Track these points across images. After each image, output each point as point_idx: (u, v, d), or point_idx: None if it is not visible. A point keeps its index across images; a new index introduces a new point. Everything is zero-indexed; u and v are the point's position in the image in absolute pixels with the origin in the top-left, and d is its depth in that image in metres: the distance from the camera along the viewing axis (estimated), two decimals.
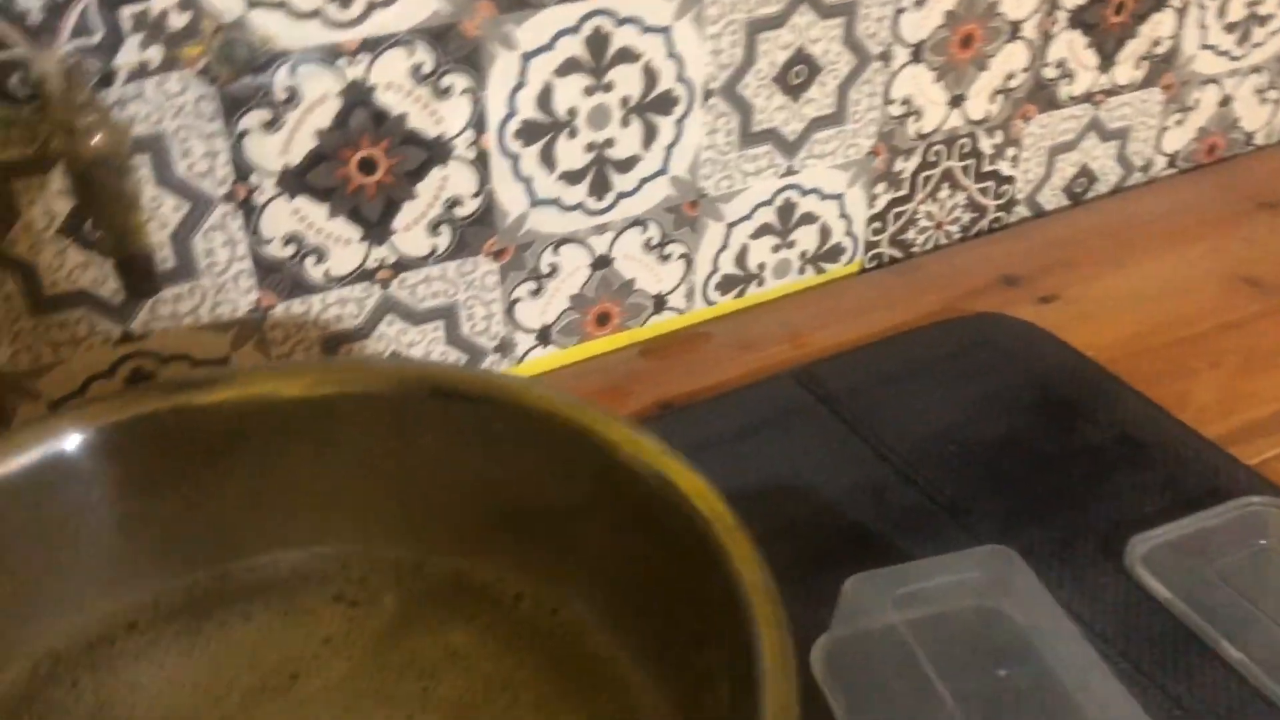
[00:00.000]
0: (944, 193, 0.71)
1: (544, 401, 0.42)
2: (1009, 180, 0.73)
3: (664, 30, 0.56)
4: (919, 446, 0.55)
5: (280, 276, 0.53)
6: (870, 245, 0.70)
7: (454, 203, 0.56)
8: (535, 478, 0.43)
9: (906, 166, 0.68)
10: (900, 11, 0.62)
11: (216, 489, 0.44)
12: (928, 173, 0.69)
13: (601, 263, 0.61)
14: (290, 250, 0.53)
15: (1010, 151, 0.72)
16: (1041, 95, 0.71)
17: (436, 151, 0.54)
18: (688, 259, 0.64)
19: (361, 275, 0.55)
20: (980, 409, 0.57)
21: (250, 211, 0.51)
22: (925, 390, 0.59)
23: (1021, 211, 0.76)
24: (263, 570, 0.46)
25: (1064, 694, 0.39)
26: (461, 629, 0.44)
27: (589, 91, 0.56)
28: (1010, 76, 0.69)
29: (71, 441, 0.41)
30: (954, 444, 0.55)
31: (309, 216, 0.53)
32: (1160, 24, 0.73)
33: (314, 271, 0.54)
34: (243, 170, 0.50)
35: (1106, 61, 0.72)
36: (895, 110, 0.66)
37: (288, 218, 0.52)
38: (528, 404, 0.42)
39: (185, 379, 0.44)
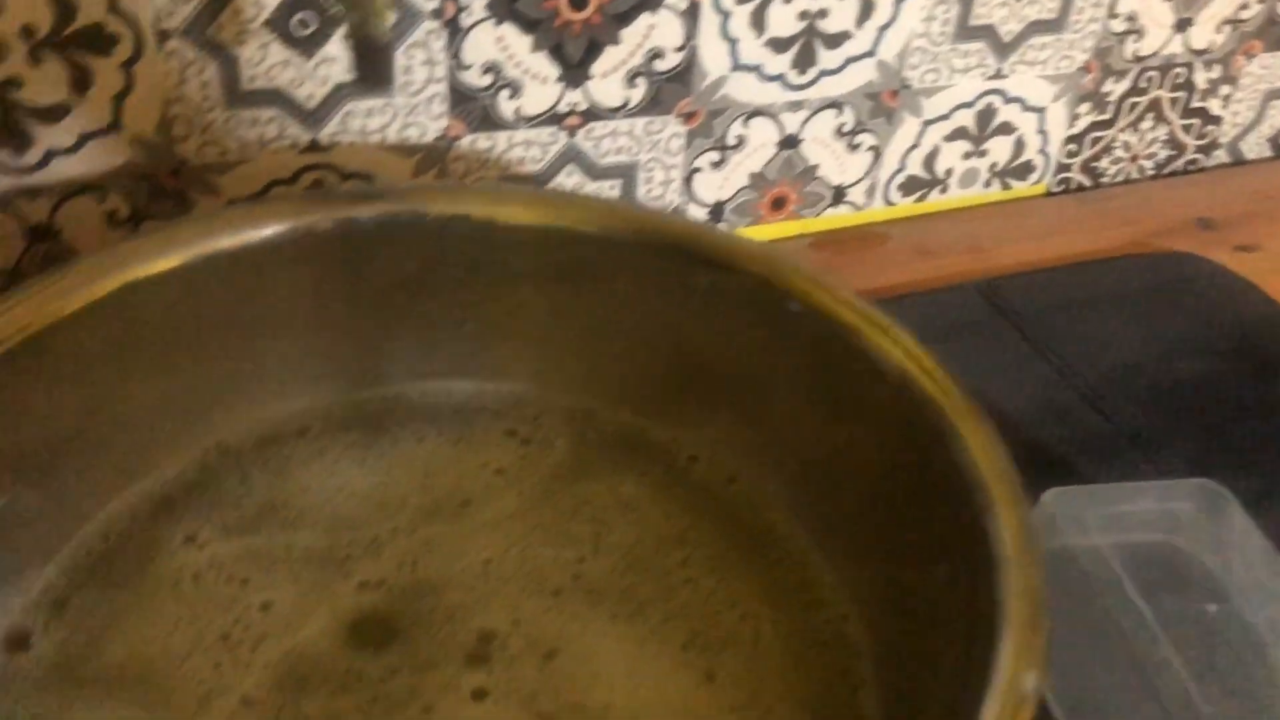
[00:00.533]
0: (1146, 124, 0.67)
1: (759, 260, 0.40)
2: (1215, 120, 0.69)
3: None
4: (1107, 375, 0.52)
5: (472, 107, 0.51)
6: (1061, 168, 0.66)
7: (656, 54, 0.53)
8: (734, 341, 0.41)
9: (1115, 89, 0.64)
10: None
11: (405, 308, 0.43)
12: (1135, 99, 0.65)
13: (789, 142, 0.58)
14: (487, 80, 0.51)
15: (1224, 90, 0.67)
16: (1272, 32, 0.66)
17: None
18: (876, 152, 0.61)
19: (551, 118, 0.53)
20: (1174, 347, 0.54)
21: (455, 32, 0.49)
22: (1116, 321, 0.56)
23: (1220, 157, 0.71)
24: (435, 396, 0.45)
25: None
26: (634, 482, 0.42)
27: None
28: (1244, 6, 0.64)
29: (280, 232, 0.39)
30: (1144, 378, 0.52)
31: (511, 47, 0.50)
32: None
33: (506, 106, 0.52)
34: None
35: None
36: (1118, 26, 0.61)
37: (491, 45, 0.50)
38: (740, 261, 0.40)
39: (393, 189, 0.43)
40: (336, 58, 0.48)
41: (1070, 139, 0.65)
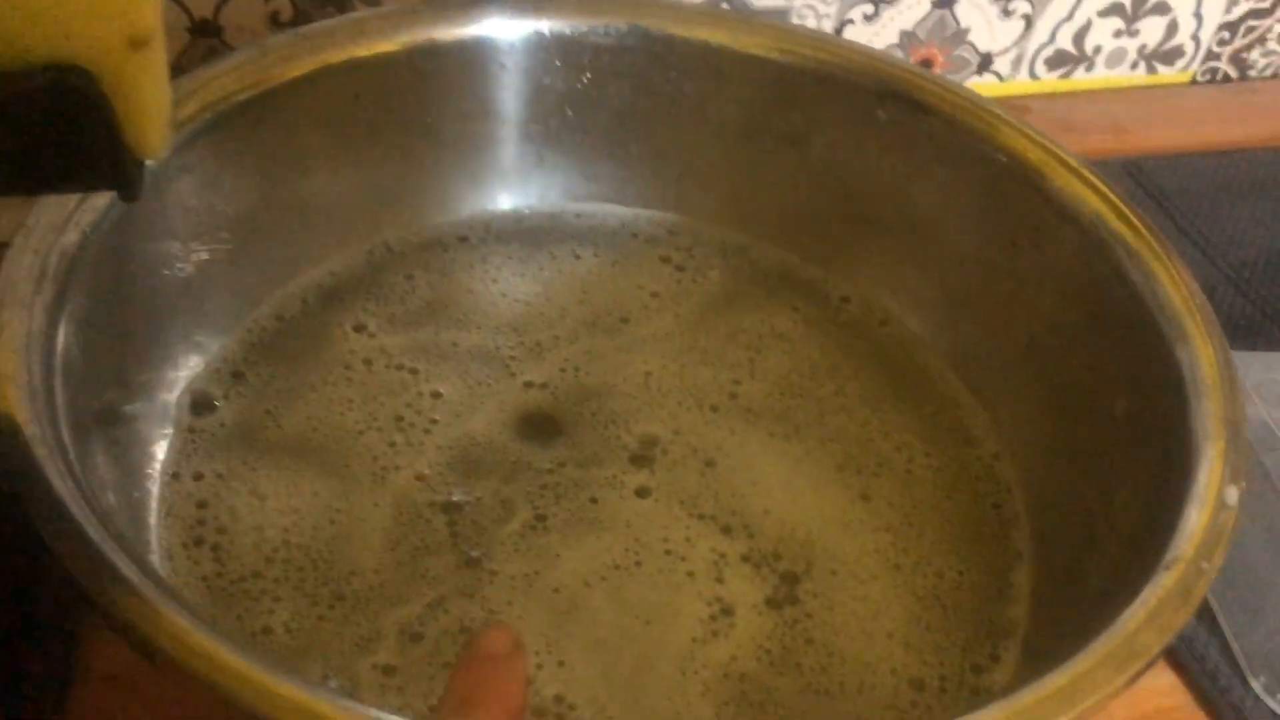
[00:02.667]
0: None
1: (948, 97, 0.39)
2: None
3: None
4: (1252, 259, 0.52)
5: None
6: (1210, 56, 0.65)
7: None
8: (908, 180, 0.41)
9: None
10: None
11: (572, 125, 0.43)
12: None
13: (944, 2, 0.57)
14: None
15: None
16: None
17: None
18: (1028, 21, 0.59)
19: None
20: None
21: None
22: (1261, 208, 0.55)
23: None
24: (592, 219, 0.45)
25: None
26: (786, 316, 0.43)
27: None
28: None
29: (466, 36, 0.39)
30: None
31: None
32: None
33: None
34: None
35: None
36: None
37: None
38: (926, 97, 0.40)
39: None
40: None
41: (1225, 25, 0.63)
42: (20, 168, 0.22)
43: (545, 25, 0.41)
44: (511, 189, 0.45)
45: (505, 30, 0.40)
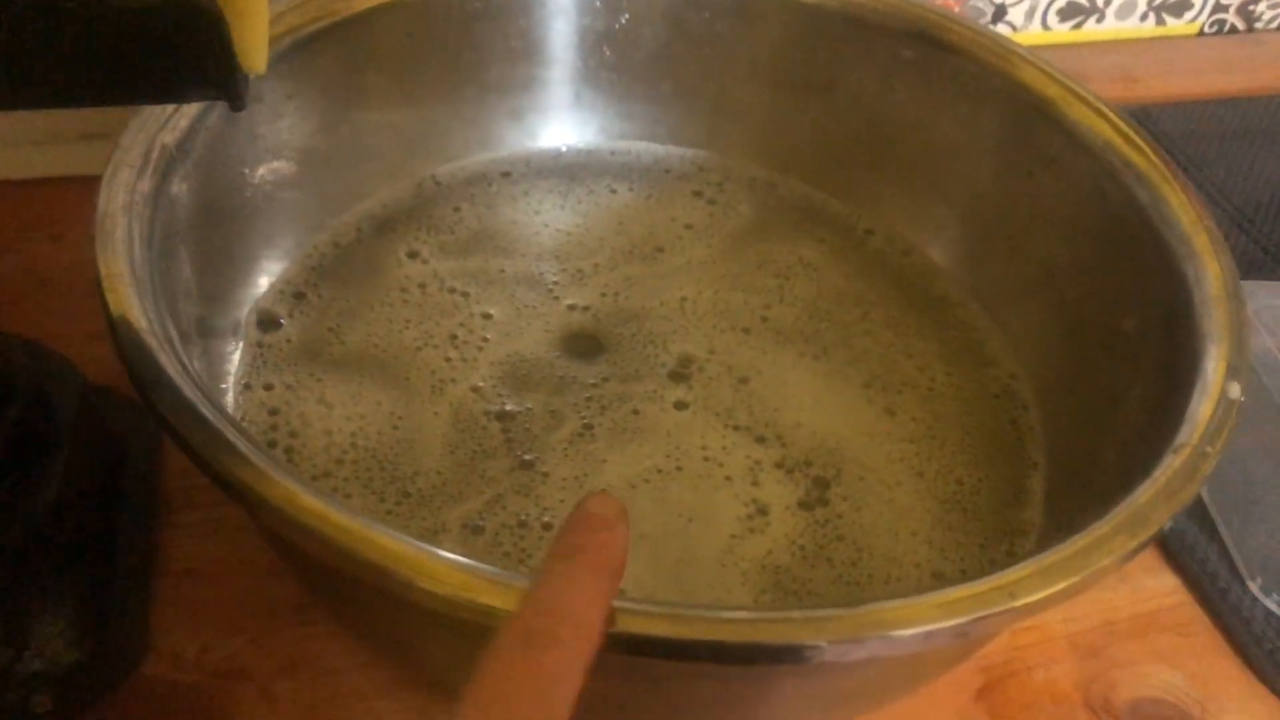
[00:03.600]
0: None
1: (967, 35, 0.41)
2: None
3: None
4: (1254, 200, 0.54)
5: None
6: (1217, 8, 0.67)
7: None
8: (931, 116, 0.43)
9: None
10: None
11: (609, 63, 0.45)
12: None
13: None
14: None
15: None
16: None
17: None
18: None
19: None
20: None
21: None
22: (1265, 153, 0.57)
23: None
24: (626, 156, 0.47)
25: None
26: (812, 247, 0.45)
27: None
28: None
29: None
30: None
31: None
32: None
33: None
34: None
35: None
36: None
37: None
38: (949, 35, 0.42)
39: None
40: None
41: None
42: (146, 77, 0.24)
43: None
44: (551, 126, 0.47)
45: None
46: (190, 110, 0.34)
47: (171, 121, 0.33)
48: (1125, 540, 0.25)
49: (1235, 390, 0.29)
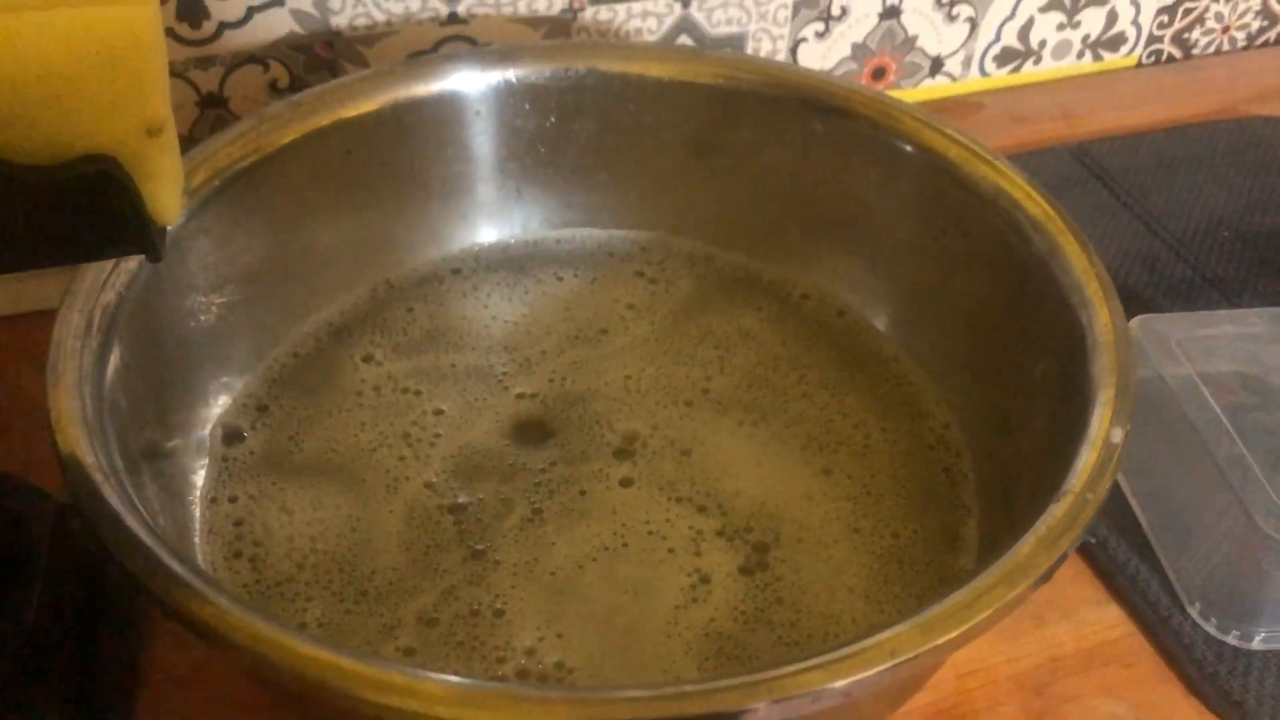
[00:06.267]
0: None
1: (873, 104, 0.43)
2: None
3: None
4: (1193, 228, 0.56)
5: None
6: (1152, 39, 0.68)
7: None
8: (847, 183, 0.45)
9: None
10: None
11: (545, 160, 0.48)
12: None
13: (890, 13, 0.61)
14: None
15: None
16: None
17: None
18: (973, 23, 0.63)
19: None
20: (1258, 203, 0.57)
21: None
22: (1202, 180, 0.59)
23: None
24: (570, 243, 0.50)
25: None
26: (752, 315, 0.47)
27: None
28: None
29: (444, 90, 0.44)
30: (1229, 231, 0.55)
31: None
32: None
33: None
34: None
35: None
36: None
37: None
38: (856, 105, 0.44)
39: (536, 46, 0.47)
40: None
41: (1163, 10, 0.67)
42: (63, 243, 0.27)
43: (513, 74, 0.46)
44: (496, 222, 0.49)
45: (477, 83, 0.45)
46: None
47: (120, 265, 0.36)
48: (1004, 591, 0.27)
49: (1118, 435, 0.30)
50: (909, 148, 0.42)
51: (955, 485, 0.41)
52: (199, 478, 0.40)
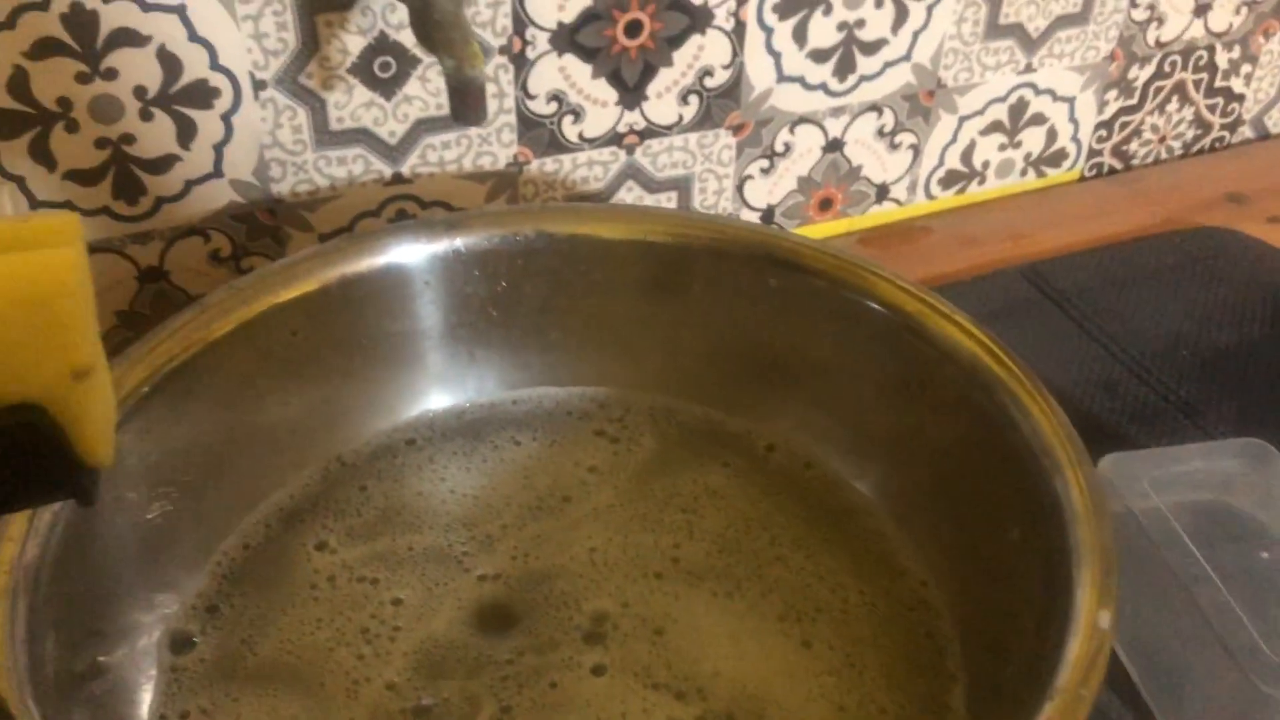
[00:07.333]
0: (1172, 105, 0.70)
1: (826, 259, 0.43)
2: (1239, 99, 0.72)
3: None
4: (1150, 348, 0.55)
5: (540, 132, 0.55)
6: (1093, 153, 0.69)
7: (706, 73, 0.57)
8: (805, 336, 0.45)
9: (1140, 75, 0.67)
10: None
11: (497, 322, 0.47)
12: (1160, 83, 0.68)
13: (833, 146, 0.62)
14: (552, 108, 0.55)
15: (1245, 69, 0.70)
16: None
17: (697, 19, 0.55)
18: (916, 150, 0.64)
19: (612, 139, 0.57)
20: (1212, 318, 0.57)
21: (522, 65, 0.53)
22: (1154, 296, 0.59)
23: (1245, 133, 0.74)
24: (527, 404, 0.49)
25: None
26: (718, 472, 0.46)
27: None
28: None
29: (388, 263, 0.43)
30: (1186, 349, 0.55)
31: (573, 75, 0.54)
32: None
33: (570, 130, 0.56)
34: (520, 24, 0.52)
35: None
36: (1139, 15, 0.64)
37: (554, 75, 0.54)
38: (808, 261, 0.44)
39: (481, 213, 0.47)
40: (416, 96, 0.52)
41: (1100, 125, 0.68)
42: None
43: (460, 242, 0.45)
44: (449, 387, 0.48)
45: (424, 253, 0.44)
46: None
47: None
48: None
49: (1105, 620, 0.29)
50: (867, 302, 0.42)
51: (939, 651, 0.39)
52: (146, 692, 0.38)
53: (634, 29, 0.54)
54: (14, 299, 0.25)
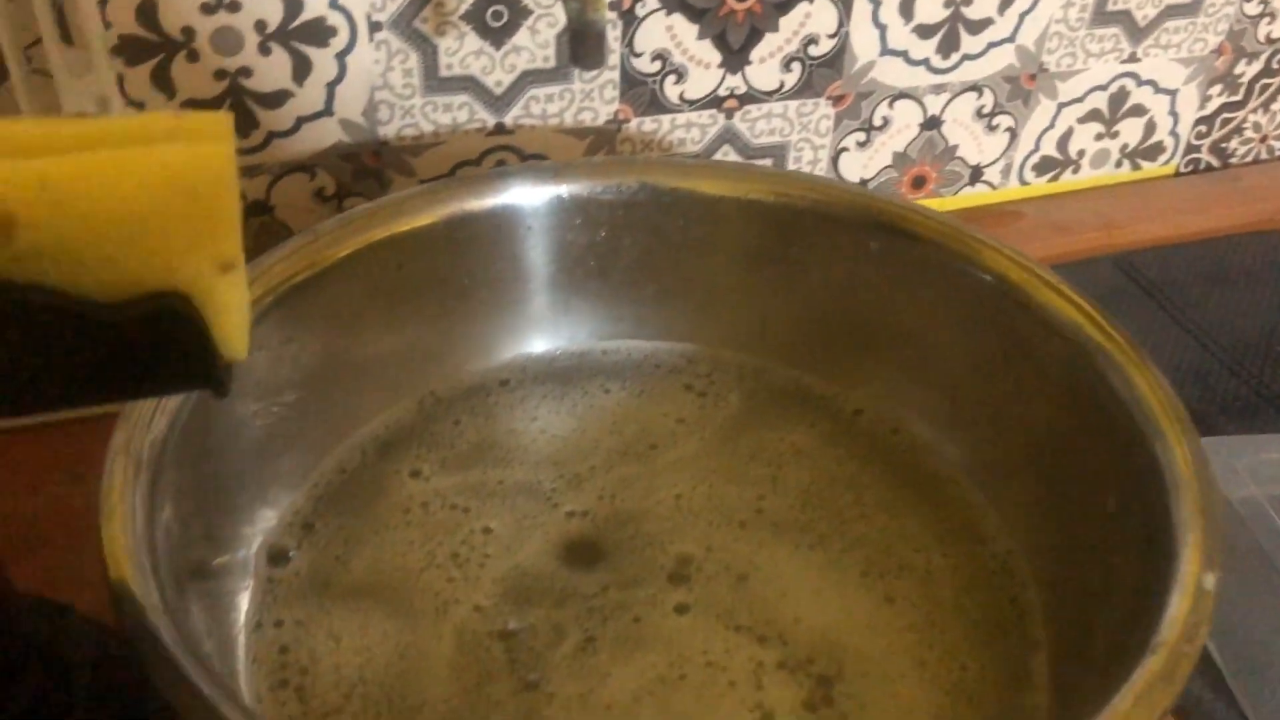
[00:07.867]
0: (1278, 104, 0.69)
1: (932, 225, 0.43)
2: None
3: None
4: (1243, 341, 0.55)
5: (641, 91, 0.56)
6: (1190, 149, 0.68)
7: (810, 40, 0.57)
8: (903, 302, 0.45)
9: (1247, 71, 0.66)
10: None
11: (595, 272, 0.48)
12: (1267, 80, 0.67)
13: (931, 124, 0.62)
14: (656, 67, 0.55)
15: None
16: None
17: None
18: (1013, 133, 0.64)
19: (712, 102, 0.57)
20: None
21: (630, 22, 0.53)
22: (1249, 292, 0.58)
23: None
24: (617, 355, 0.49)
25: None
26: (803, 432, 0.46)
27: None
28: None
29: (497, 204, 0.44)
30: (1279, 344, 0.55)
31: (680, 35, 0.55)
32: None
33: (671, 91, 0.56)
34: None
35: None
36: (1251, 9, 0.63)
37: (661, 33, 0.54)
38: (912, 225, 0.44)
39: (584, 163, 0.47)
40: (524, 47, 0.52)
41: (1200, 120, 0.67)
42: (128, 380, 0.26)
43: (564, 189, 0.46)
44: (544, 334, 0.49)
45: (529, 197, 0.45)
46: None
47: None
48: None
49: (1210, 581, 0.29)
50: (972, 269, 0.42)
51: (1022, 617, 0.39)
52: (244, 599, 0.39)
53: None
54: (171, 188, 0.26)
